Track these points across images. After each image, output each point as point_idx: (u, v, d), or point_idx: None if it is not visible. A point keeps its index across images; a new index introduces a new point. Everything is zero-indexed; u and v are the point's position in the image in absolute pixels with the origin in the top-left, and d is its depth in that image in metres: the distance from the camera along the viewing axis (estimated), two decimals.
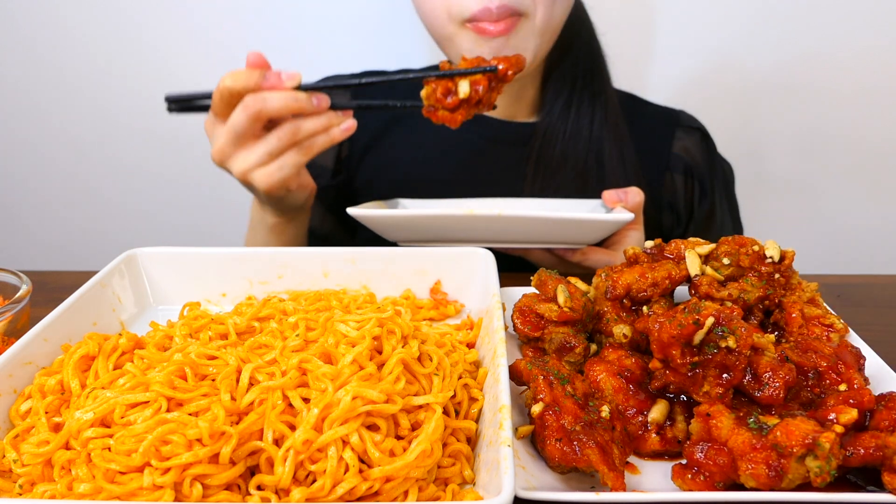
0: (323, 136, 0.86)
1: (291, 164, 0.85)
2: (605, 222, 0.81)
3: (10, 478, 0.55)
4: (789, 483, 0.50)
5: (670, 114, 1.20)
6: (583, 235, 0.84)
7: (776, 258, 0.70)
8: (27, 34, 1.57)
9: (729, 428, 0.53)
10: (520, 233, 0.85)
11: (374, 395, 0.54)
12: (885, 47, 1.50)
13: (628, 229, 0.92)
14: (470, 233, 0.85)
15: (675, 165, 1.15)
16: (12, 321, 0.71)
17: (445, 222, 0.84)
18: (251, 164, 0.85)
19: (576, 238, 0.85)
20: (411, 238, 0.89)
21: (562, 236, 0.85)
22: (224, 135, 0.84)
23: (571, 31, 1.08)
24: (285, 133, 0.83)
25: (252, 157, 0.84)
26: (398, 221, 0.85)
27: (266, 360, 0.60)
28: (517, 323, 0.70)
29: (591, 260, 0.88)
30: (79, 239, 1.80)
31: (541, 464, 0.57)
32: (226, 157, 0.86)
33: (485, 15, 0.90)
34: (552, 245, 0.87)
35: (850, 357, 0.62)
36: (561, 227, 0.82)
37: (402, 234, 0.89)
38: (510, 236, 0.86)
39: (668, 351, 0.57)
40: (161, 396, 0.55)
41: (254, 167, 0.85)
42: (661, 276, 0.71)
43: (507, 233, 0.85)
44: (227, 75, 0.83)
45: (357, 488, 0.51)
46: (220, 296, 0.84)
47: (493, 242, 0.88)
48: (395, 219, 0.85)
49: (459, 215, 0.82)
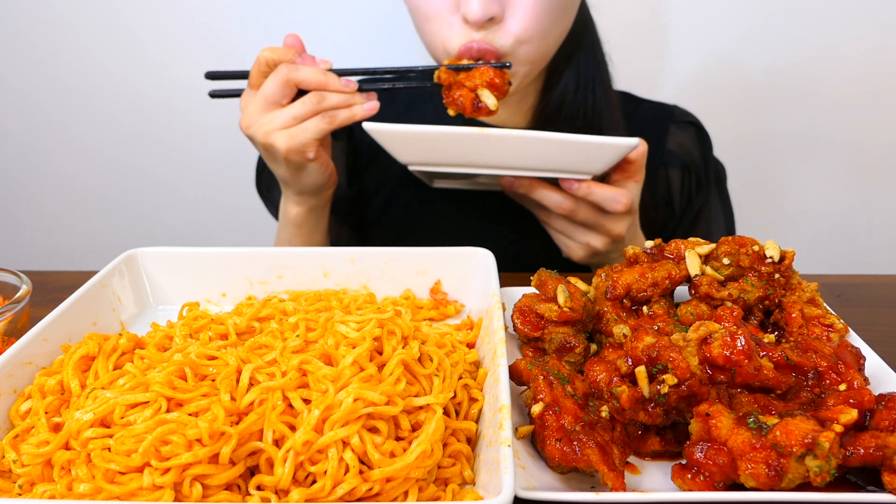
0: (346, 111, 0.89)
1: (313, 128, 0.88)
2: (612, 145, 0.82)
3: (9, 478, 0.55)
4: (789, 483, 0.50)
5: (664, 109, 1.20)
6: (590, 160, 0.85)
7: (776, 258, 0.70)
8: (27, 35, 1.57)
9: (728, 428, 0.53)
10: (528, 156, 0.85)
11: (374, 397, 0.54)
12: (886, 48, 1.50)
13: (629, 179, 0.91)
14: (480, 155, 0.86)
15: (671, 161, 1.14)
16: (12, 321, 0.71)
17: (458, 140, 0.85)
18: (275, 126, 0.88)
19: (583, 163, 0.86)
20: (422, 160, 0.90)
21: (569, 161, 0.85)
22: (255, 101, 0.89)
23: (574, 40, 1.07)
24: (310, 99, 0.88)
25: (278, 120, 0.88)
26: (411, 138, 0.86)
27: (266, 360, 0.60)
28: (517, 323, 0.70)
29: (596, 194, 0.87)
30: (79, 239, 1.80)
31: (541, 464, 0.57)
32: (252, 122, 0.90)
33: (466, 53, 0.91)
34: (560, 174, 0.87)
35: (850, 357, 0.62)
36: (570, 150, 0.83)
37: (414, 153, 0.89)
38: (519, 161, 0.87)
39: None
40: (161, 397, 0.55)
41: (277, 128, 0.88)
42: (661, 277, 0.71)
43: (516, 156, 0.86)
44: (266, 49, 0.89)
45: (357, 489, 0.51)
46: (220, 296, 0.84)
47: (502, 168, 0.88)
48: (409, 135, 0.86)
49: (472, 133, 0.83)
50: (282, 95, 0.88)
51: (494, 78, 0.90)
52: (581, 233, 0.93)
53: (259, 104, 0.89)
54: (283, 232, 1.05)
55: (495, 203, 1.06)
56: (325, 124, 0.88)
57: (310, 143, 0.88)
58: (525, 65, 0.96)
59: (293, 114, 0.88)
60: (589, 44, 1.09)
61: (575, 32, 1.06)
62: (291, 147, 0.88)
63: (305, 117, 0.88)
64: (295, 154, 0.89)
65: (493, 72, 0.90)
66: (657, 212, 1.15)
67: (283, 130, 0.88)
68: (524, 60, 0.95)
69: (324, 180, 0.96)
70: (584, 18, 1.10)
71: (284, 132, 0.88)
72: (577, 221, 0.92)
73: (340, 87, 0.89)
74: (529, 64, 0.97)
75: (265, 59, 0.89)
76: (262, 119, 0.89)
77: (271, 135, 0.88)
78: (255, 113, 0.89)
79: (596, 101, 1.08)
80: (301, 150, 0.88)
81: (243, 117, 0.91)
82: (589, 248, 0.93)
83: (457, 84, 0.92)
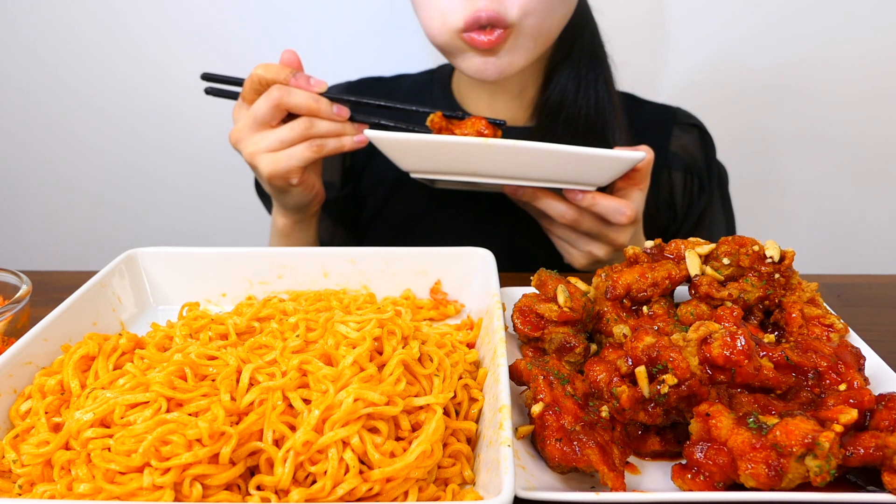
0: (334, 141, 0.90)
1: (299, 156, 0.88)
2: (619, 159, 0.82)
3: (9, 478, 0.55)
4: (789, 483, 0.50)
5: (667, 111, 1.20)
6: (595, 173, 0.84)
7: (776, 258, 0.70)
8: (27, 35, 1.57)
9: (728, 428, 0.53)
10: (533, 167, 0.85)
11: (375, 398, 0.54)
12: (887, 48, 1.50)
13: (634, 187, 0.90)
14: (484, 165, 0.86)
15: (673, 163, 1.14)
16: (12, 321, 0.71)
17: (461, 150, 0.84)
18: (261, 148, 0.88)
19: (587, 176, 0.85)
20: (426, 168, 0.89)
21: (574, 173, 0.84)
22: (245, 118, 0.89)
23: (574, 33, 1.07)
24: (299, 125, 0.87)
25: (264, 142, 0.88)
26: (414, 146, 0.85)
27: (266, 360, 0.60)
28: (517, 323, 0.70)
29: (600, 205, 0.87)
30: (79, 239, 1.80)
31: (541, 464, 0.57)
32: (240, 139, 0.90)
33: (474, 24, 0.91)
34: (564, 184, 0.87)
35: (850, 357, 0.62)
36: (574, 162, 0.82)
37: (416, 161, 0.88)
38: (523, 171, 0.86)
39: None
40: (161, 397, 0.55)
41: (263, 151, 0.88)
42: (661, 277, 0.71)
43: (520, 166, 0.85)
44: (260, 66, 0.89)
45: (357, 489, 0.51)
46: (220, 296, 0.84)
47: (506, 177, 0.88)
48: (411, 144, 0.85)
49: (476, 143, 0.82)
50: (271, 117, 0.88)
51: (485, 128, 0.89)
52: (584, 242, 0.92)
53: (248, 122, 0.89)
54: (273, 239, 1.07)
55: (495, 203, 1.06)
56: (311, 153, 0.88)
57: (293, 171, 0.88)
58: (530, 39, 0.95)
59: (280, 137, 0.87)
60: (590, 42, 1.09)
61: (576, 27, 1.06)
62: (274, 172, 0.88)
63: (293, 142, 0.88)
64: (277, 179, 0.89)
65: (484, 123, 0.90)
66: (659, 214, 1.15)
67: (269, 154, 0.88)
68: (529, 34, 0.94)
69: (307, 201, 0.97)
70: (586, 18, 1.10)
71: (269, 156, 0.88)
72: (580, 231, 0.91)
73: (332, 114, 0.88)
74: (533, 40, 0.96)
75: (258, 77, 0.88)
76: (250, 138, 0.89)
77: (256, 156, 0.89)
78: (244, 130, 0.89)
79: (598, 100, 1.07)
80: (284, 176, 0.89)
81: (233, 130, 0.91)
82: (591, 257, 0.93)
83: (447, 129, 0.91)
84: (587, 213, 0.89)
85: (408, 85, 1.23)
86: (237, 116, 0.92)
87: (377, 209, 1.18)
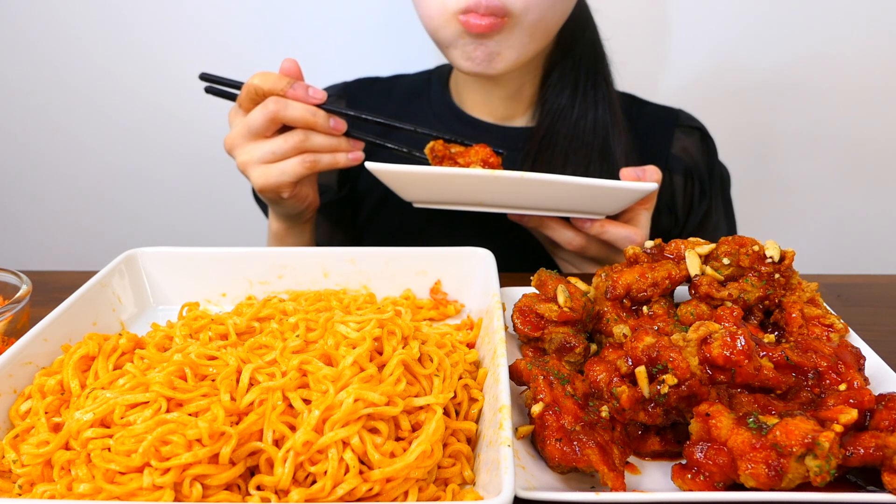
0: (328, 157, 0.89)
1: (291, 171, 0.87)
2: (627, 190, 0.81)
3: (9, 478, 0.55)
4: (789, 483, 0.50)
5: (669, 113, 1.20)
6: (603, 204, 0.83)
7: (776, 258, 0.70)
8: (27, 35, 1.57)
9: (728, 428, 0.53)
10: (541, 198, 0.83)
11: (375, 398, 0.54)
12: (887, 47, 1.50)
13: (641, 207, 0.90)
14: (490, 195, 0.84)
15: (675, 166, 1.14)
16: (12, 321, 0.71)
17: (467, 182, 0.82)
18: (253, 159, 0.88)
19: (596, 206, 0.84)
20: (430, 199, 0.88)
21: (583, 203, 0.83)
22: (240, 126, 0.88)
23: (573, 33, 1.07)
24: (293, 138, 0.86)
25: (256, 153, 0.87)
26: (418, 179, 0.83)
27: (266, 360, 0.60)
28: (517, 323, 0.70)
29: (609, 233, 0.86)
30: (79, 239, 1.80)
31: (541, 464, 0.57)
32: (234, 147, 0.89)
33: (475, 7, 0.90)
34: (572, 213, 0.86)
35: (850, 357, 0.62)
36: (583, 194, 0.81)
37: (420, 193, 0.87)
38: (531, 201, 0.84)
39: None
40: (161, 397, 0.55)
41: (255, 162, 0.88)
42: (661, 276, 0.71)
43: (528, 197, 0.83)
44: (258, 74, 0.87)
45: (357, 489, 0.51)
46: (220, 296, 0.84)
47: (512, 207, 0.86)
48: (415, 176, 0.83)
49: (482, 175, 0.80)
50: (265, 129, 0.87)
51: (490, 157, 0.88)
52: (589, 266, 0.92)
53: (242, 132, 0.88)
54: (270, 241, 1.07)
55: None
56: (303, 169, 0.87)
57: (284, 186, 0.88)
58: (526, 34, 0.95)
59: (273, 149, 0.86)
60: (589, 42, 1.09)
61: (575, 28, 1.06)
62: (265, 186, 0.88)
63: (286, 155, 0.87)
64: (268, 192, 0.89)
65: (489, 151, 0.88)
66: (661, 218, 1.15)
67: (261, 166, 0.87)
68: (526, 28, 0.94)
69: (299, 211, 0.97)
70: (585, 18, 1.10)
71: (261, 168, 0.87)
72: (586, 256, 0.91)
73: (328, 129, 0.87)
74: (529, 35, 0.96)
75: (254, 87, 0.87)
76: (243, 147, 0.88)
77: (248, 166, 0.88)
78: (238, 138, 0.89)
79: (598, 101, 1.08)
80: (275, 190, 0.89)
81: (228, 137, 0.90)
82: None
83: (449, 158, 0.90)
84: (595, 239, 0.88)
85: (405, 85, 1.23)
86: (232, 122, 0.91)
87: (374, 210, 1.18)
